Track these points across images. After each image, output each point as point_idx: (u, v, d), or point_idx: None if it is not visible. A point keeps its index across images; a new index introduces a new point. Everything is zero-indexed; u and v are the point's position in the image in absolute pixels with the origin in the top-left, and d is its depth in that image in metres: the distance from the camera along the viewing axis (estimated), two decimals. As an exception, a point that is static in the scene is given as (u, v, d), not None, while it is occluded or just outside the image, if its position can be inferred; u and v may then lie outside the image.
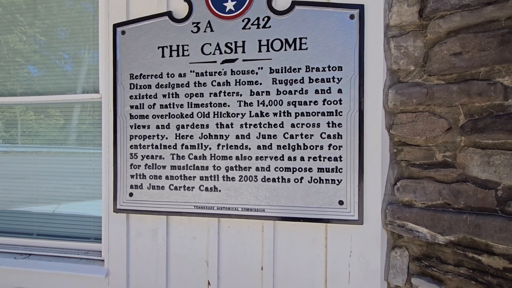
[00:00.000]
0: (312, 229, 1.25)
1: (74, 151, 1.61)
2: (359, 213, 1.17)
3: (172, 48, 1.29)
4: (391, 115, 1.18)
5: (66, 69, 1.61)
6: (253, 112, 1.24)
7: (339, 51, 1.18)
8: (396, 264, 1.18)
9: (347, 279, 1.22)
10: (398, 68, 1.16)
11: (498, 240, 0.94)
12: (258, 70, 1.23)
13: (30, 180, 1.65)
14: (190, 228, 1.35)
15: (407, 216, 1.13)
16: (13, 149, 1.68)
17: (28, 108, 1.67)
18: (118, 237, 1.39)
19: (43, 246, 1.56)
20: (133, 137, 1.33)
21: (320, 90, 1.19)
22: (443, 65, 1.06)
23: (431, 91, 1.08)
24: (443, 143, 1.09)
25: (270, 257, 1.27)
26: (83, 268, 1.41)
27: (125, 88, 1.34)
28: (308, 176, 1.21)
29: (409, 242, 1.17)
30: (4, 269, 1.47)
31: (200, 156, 1.28)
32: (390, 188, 1.19)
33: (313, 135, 1.20)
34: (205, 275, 1.34)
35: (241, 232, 1.31)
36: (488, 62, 0.97)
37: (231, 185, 1.26)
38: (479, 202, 1.00)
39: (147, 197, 1.33)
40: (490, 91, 0.96)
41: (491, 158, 0.98)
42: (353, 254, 1.22)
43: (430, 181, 1.10)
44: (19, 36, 1.66)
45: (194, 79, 1.28)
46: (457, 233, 1.03)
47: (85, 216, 1.58)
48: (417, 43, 1.13)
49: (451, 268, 1.06)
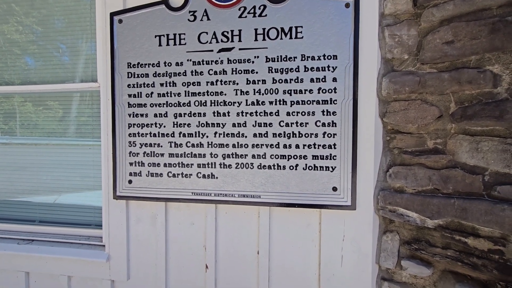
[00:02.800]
0: (306, 215, 1.29)
1: (74, 143, 1.63)
2: (352, 199, 1.21)
3: (169, 37, 1.30)
4: (385, 104, 1.20)
5: (64, 59, 1.62)
6: (249, 101, 1.26)
7: (334, 40, 1.19)
8: (387, 248, 1.23)
9: (340, 262, 1.27)
10: (392, 57, 1.18)
11: (484, 223, 0.98)
12: (254, 59, 1.25)
13: (30, 171, 1.67)
14: (188, 214, 1.38)
15: (398, 201, 1.17)
16: (12, 141, 1.69)
17: (26, 100, 1.67)
18: (118, 223, 1.43)
19: (45, 232, 1.60)
20: (132, 125, 1.36)
21: (315, 79, 1.21)
22: (435, 54, 1.08)
23: (424, 79, 1.10)
24: (434, 130, 1.12)
25: (266, 241, 1.31)
26: (85, 253, 1.46)
27: (122, 77, 1.35)
28: (303, 163, 1.24)
29: (400, 226, 1.21)
30: (8, 254, 1.52)
31: (197, 144, 1.31)
32: (382, 175, 1.23)
33: (308, 123, 1.22)
34: (203, 259, 1.38)
35: (237, 218, 1.35)
36: (479, 50, 0.99)
37: (228, 172, 1.29)
38: (467, 187, 1.04)
39: (146, 184, 1.36)
40: (480, 79, 0.99)
41: (479, 144, 1.01)
42: (346, 238, 1.26)
43: (421, 168, 1.13)
44: (15, 26, 1.66)
45: (191, 68, 1.29)
46: (445, 217, 1.07)
47: (86, 206, 1.61)
48: (411, 32, 1.14)
49: (439, 250, 1.10)
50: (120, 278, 1.44)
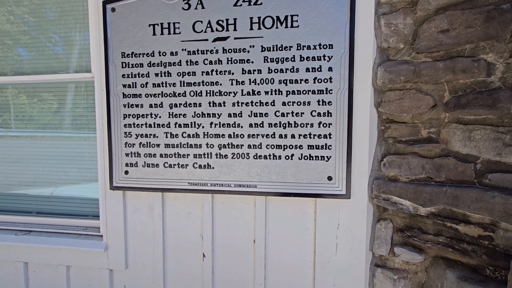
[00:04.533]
0: (302, 204, 1.30)
1: (69, 135, 1.62)
2: (347, 188, 1.22)
3: (163, 26, 1.29)
4: (380, 93, 1.21)
5: (57, 49, 1.59)
6: (245, 91, 1.25)
7: (330, 29, 1.18)
8: (380, 236, 1.25)
9: (334, 250, 1.29)
10: (388, 46, 1.17)
11: (475, 210, 1.00)
12: (250, 48, 1.24)
13: (26, 164, 1.67)
14: (185, 204, 1.40)
15: (392, 190, 1.18)
16: (7, 133, 1.68)
17: (20, 92, 1.65)
18: (116, 213, 1.44)
19: (43, 223, 1.61)
20: (127, 116, 1.35)
21: (311, 68, 1.21)
22: (431, 43, 1.08)
23: (419, 69, 1.10)
24: (428, 119, 1.13)
25: (262, 230, 1.33)
26: (83, 243, 1.47)
27: (117, 67, 1.34)
28: (298, 153, 1.25)
29: (393, 214, 1.23)
30: (6, 245, 1.52)
31: (193, 134, 1.31)
32: (377, 164, 1.24)
33: (303, 113, 1.23)
34: (200, 248, 1.40)
35: (234, 207, 1.36)
36: (474, 39, 0.99)
37: (224, 162, 1.30)
38: (459, 175, 1.05)
39: (142, 175, 1.37)
40: (474, 68, 0.99)
41: (472, 133, 1.02)
42: (341, 226, 1.28)
43: (414, 157, 1.15)
44: (5, 16, 1.62)
45: (186, 58, 1.28)
46: (437, 204, 1.09)
47: (83, 198, 1.62)
48: (407, 21, 1.14)
49: (431, 237, 1.13)
50: (118, 267, 1.46)
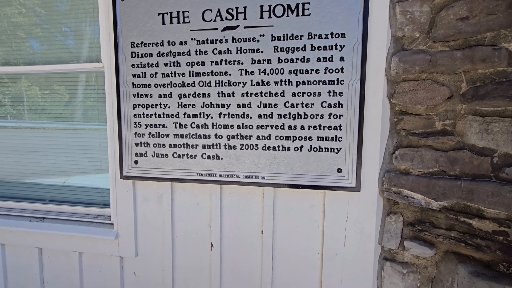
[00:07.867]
0: (310, 196, 1.30)
1: (81, 127, 1.64)
2: (356, 180, 1.21)
3: (173, 15, 1.27)
4: (393, 84, 1.17)
5: (67, 40, 1.60)
6: (254, 81, 1.24)
7: (343, 17, 1.15)
8: (390, 229, 1.23)
9: (343, 243, 1.28)
10: (403, 35, 1.13)
11: (490, 204, 0.97)
12: (260, 37, 1.22)
13: (39, 154, 1.70)
14: (193, 194, 1.41)
15: (403, 183, 1.16)
16: (21, 124, 1.72)
17: (33, 84, 1.68)
18: (126, 202, 1.46)
19: (56, 210, 1.65)
20: (136, 106, 1.35)
21: (322, 58, 1.18)
22: (448, 31, 1.03)
23: (435, 58, 1.06)
24: (443, 111, 1.09)
25: (270, 222, 1.33)
26: (94, 231, 1.50)
27: (126, 56, 1.34)
28: (308, 145, 1.23)
29: (404, 208, 1.21)
30: (20, 231, 1.57)
31: (202, 125, 1.30)
32: (388, 157, 1.22)
33: (313, 104, 1.20)
34: (208, 238, 1.41)
35: (242, 198, 1.36)
36: (495, 27, 0.95)
37: (232, 153, 1.29)
38: (475, 169, 1.02)
39: (151, 165, 1.38)
40: (494, 57, 0.95)
41: (490, 125, 0.98)
42: (350, 219, 1.27)
43: (428, 149, 1.12)
44: (18, 9, 1.63)
45: (195, 47, 1.27)
46: (450, 198, 1.06)
47: (94, 187, 1.65)
48: (424, 8, 1.09)
49: (442, 232, 1.11)
50: (128, 254, 1.49)
